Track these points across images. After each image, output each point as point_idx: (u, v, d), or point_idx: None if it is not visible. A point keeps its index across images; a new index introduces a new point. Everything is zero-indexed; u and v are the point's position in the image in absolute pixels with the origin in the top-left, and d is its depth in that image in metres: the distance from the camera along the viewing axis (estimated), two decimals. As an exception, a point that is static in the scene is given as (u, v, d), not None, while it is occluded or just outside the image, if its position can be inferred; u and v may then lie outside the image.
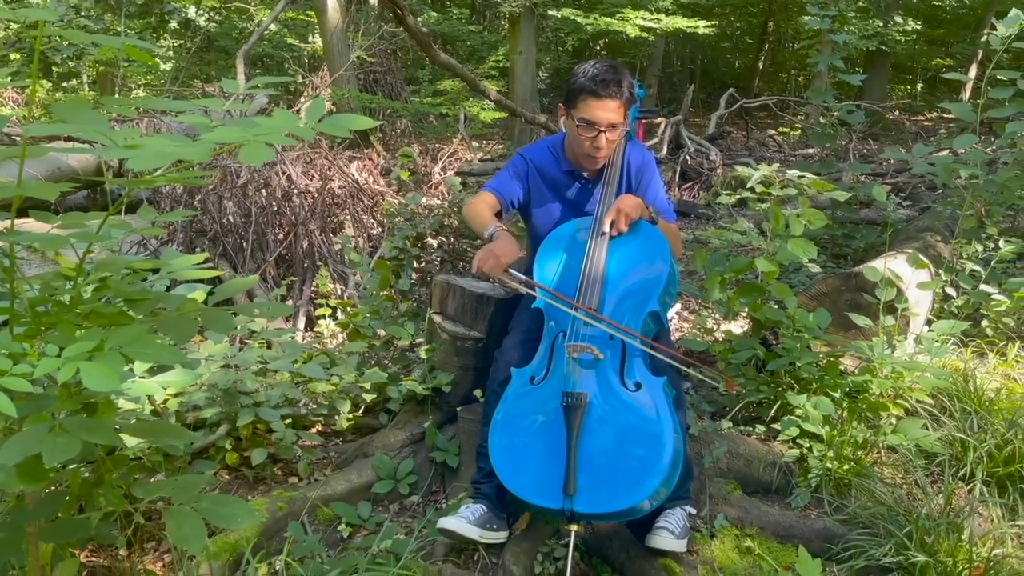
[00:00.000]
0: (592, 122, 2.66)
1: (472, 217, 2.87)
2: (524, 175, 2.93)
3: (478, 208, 2.87)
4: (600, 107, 2.64)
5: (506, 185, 2.93)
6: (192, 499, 1.65)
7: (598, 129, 2.66)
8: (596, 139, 2.68)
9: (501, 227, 2.71)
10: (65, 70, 11.17)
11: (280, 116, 1.44)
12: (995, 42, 3.98)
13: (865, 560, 2.35)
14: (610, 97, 2.63)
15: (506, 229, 2.71)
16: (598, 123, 2.66)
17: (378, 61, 11.25)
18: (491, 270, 2.57)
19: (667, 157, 8.65)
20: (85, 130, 1.39)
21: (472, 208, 2.90)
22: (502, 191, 2.92)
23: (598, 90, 2.62)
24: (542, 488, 2.27)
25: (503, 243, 2.63)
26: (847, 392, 3.02)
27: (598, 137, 2.68)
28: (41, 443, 1.40)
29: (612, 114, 2.65)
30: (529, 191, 2.94)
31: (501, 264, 2.57)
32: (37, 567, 1.77)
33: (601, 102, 2.63)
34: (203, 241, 4.94)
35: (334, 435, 3.30)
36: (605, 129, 2.67)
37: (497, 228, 2.70)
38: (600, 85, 2.62)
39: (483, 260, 2.58)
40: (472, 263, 2.61)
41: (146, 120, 6.33)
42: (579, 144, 2.73)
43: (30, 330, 1.57)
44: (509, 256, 2.60)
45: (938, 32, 16.99)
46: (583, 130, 2.68)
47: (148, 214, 2.07)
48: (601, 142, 2.68)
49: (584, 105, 2.65)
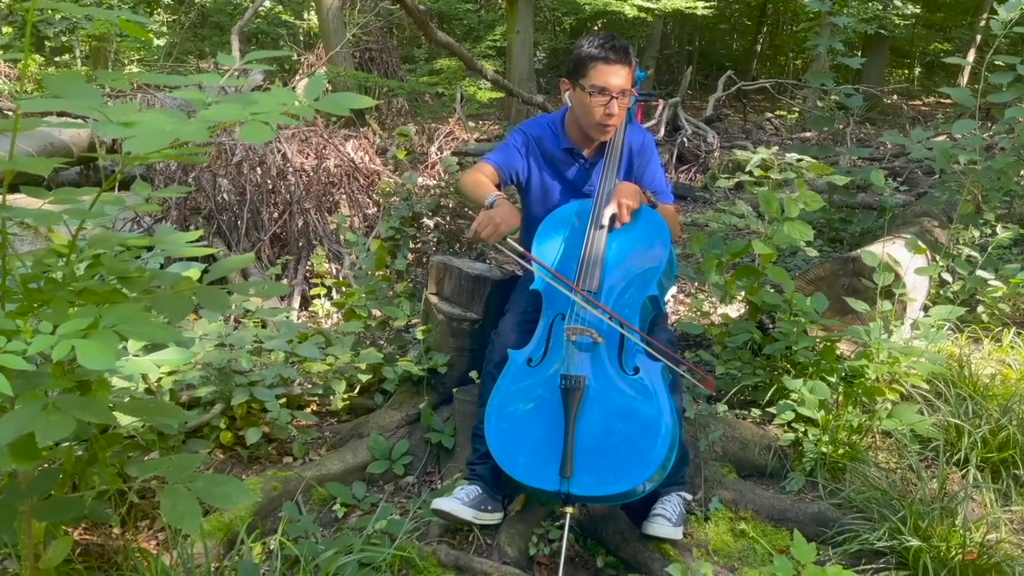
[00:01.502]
0: (604, 88, 2.65)
1: (470, 185, 2.79)
2: (524, 150, 2.89)
3: (477, 178, 2.81)
4: (612, 72, 2.64)
5: (507, 158, 2.88)
6: (186, 478, 1.64)
7: (611, 95, 2.65)
8: (609, 105, 2.67)
9: (502, 196, 2.65)
10: (58, 44, 11.07)
11: (279, 93, 1.42)
12: (995, 27, 3.95)
13: (859, 544, 2.36)
14: (620, 62, 2.64)
15: (506, 198, 2.66)
16: (611, 89, 2.65)
17: (374, 39, 11.16)
18: (489, 236, 2.53)
19: (664, 139, 8.61)
20: (78, 105, 1.37)
21: (469, 177, 2.83)
22: (503, 164, 2.87)
23: (609, 56, 2.64)
24: (539, 470, 2.27)
25: (503, 210, 2.58)
26: (843, 377, 3.02)
27: (611, 103, 2.66)
28: (34, 421, 1.38)
29: (622, 80, 2.66)
30: (529, 167, 2.91)
31: (500, 232, 2.54)
32: (30, 545, 1.76)
33: (612, 67, 2.64)
34: (197, 219, 4.91)
35: (329, 415, 3.29)
36: (617, 95, 2.66)
37: (497, 196, 2.64)
38: (610, 51, 2.64)
39: (481, 226, 2.53)
40: (469, 229, 2.56)
41: (140, 95, 6.27)
42: (591, 114, 2.71)
43: (23, 307, 1.55)
44: (509, 224, 2.56)
45: (937, 16, 16.93)
46: (595, 97, 2.67)
47: (142, 190, 2.05)
48: (614, 108, 2.67)
49: (595, 72, 2.65)
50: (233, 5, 14.53)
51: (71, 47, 12.39)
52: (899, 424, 2.81)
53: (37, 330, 1.41)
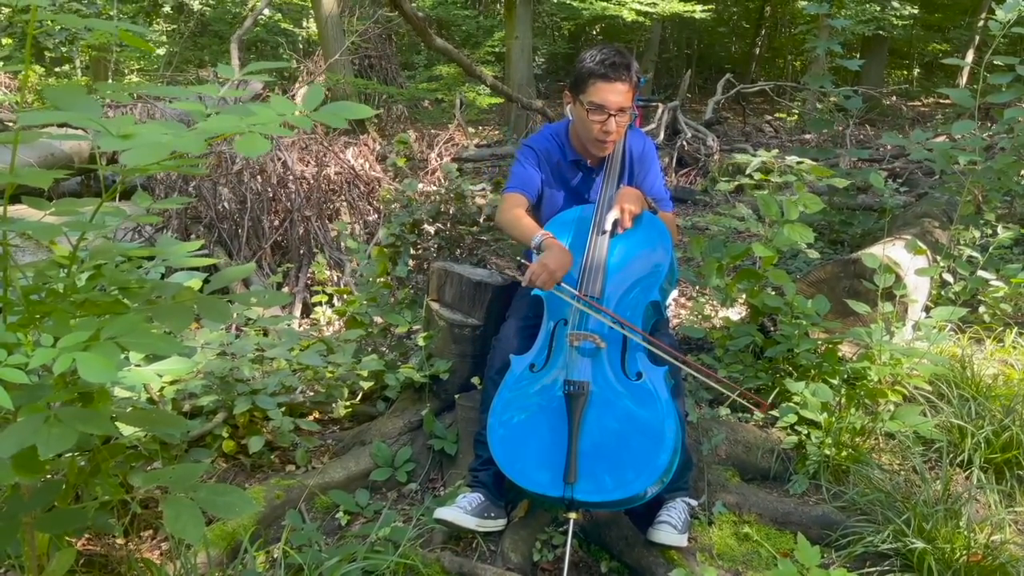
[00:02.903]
0: (602, 105, 2.64)
1: (511, 225, 2.76)
2: (537, 164, 2.88)
3: (514, 214, 2.77)
4: (610, 90, 2.62)
5: (527, 179, 2.85)
6: (189, 488, 1.64)
7: (608, 113, 2.64)
8: (606, 123, 2.66)
9: (547, 235, 2.60)
10: (58, 55, 11.09)
11: (277, 103, 1.42)
12: (994, 27, 3.96)
13: (863, 547, 2.36)
14: (620, 80, 2.62)
15: (552, 237, 2.60)
16: (608, 107, 2.64)
17: (373, 46, 11.18)
18: (543, 285, 2.45)
19: (664, 143, 8.62)
20: (78, 118, 1.37)
21: (506, 216, 2.79)
22: (526, 187, 2.85)
23: (608, 73, 2.62)
24: (542, 476, 2.27)
25: (554, 255, 2.49)
26: (845, 379, 3.02)
27: (608, 121, 2.66)
28: (36, 434, 1.38)
29: (621, 97, 2.64)
30: (541, 180, 2.91)
31: (557, 279, 2.46)
32: (34, 557, 1.76)
33: (611, 85, 2.62)
34: (198, 228, 4.92)
35: (331, 423, 3.29)
36: (615, 113, 2.65)
37: (543, 237, 2.59)
38: (610, 68, 2.62)
39: (536, 275, 2.45)
40: (524, 277, 2.49)
41: (140, 106, 6.28)
42: (588, 130, 2.71)
43: (24, 319, 1.55)
44: (563, 270, 2.48)
45: (935, 17, 16.91)
46: (593, 114, 2.66)
47: (143, 201, 2.06)
48: (611, 126, 2.66)
49: (594, 89, 2.64)
50: (232, 14, 14.56)
51: (71, 58, 12.42)
52: (902, 426, 2.81)
53: (38, 342, 1.42)
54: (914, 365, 2.96)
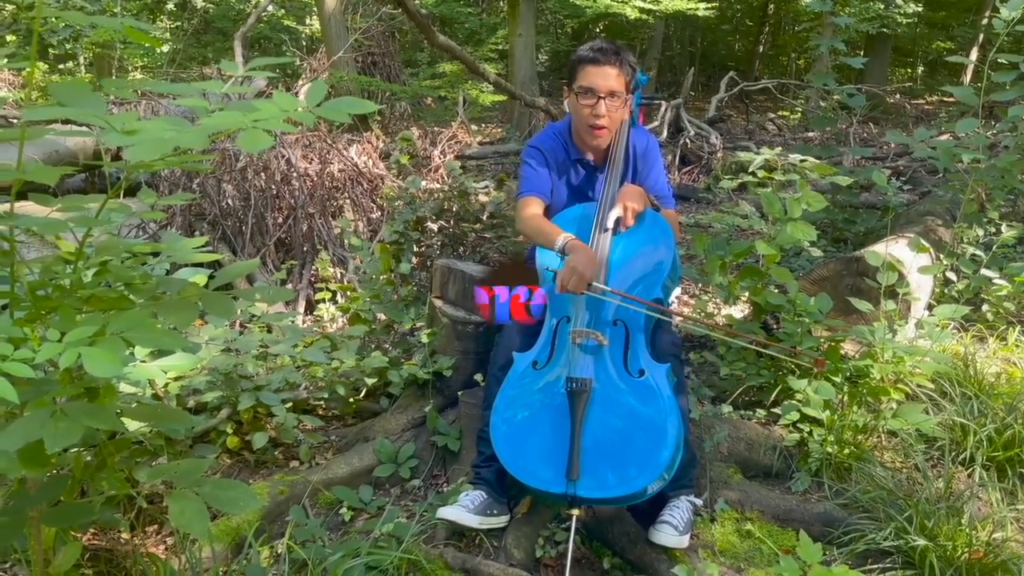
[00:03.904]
0: (591, 88, 2.67)
1: (534, 232, 2.75)
2: (544, 163, 2.88)
3: (536, 221, 2.77)
4: (598, 73, 2.66)
5: (539, 181, 2.86)
6: (194, 483, 1.65)
7: (597, 96, 2.67)
8: (596, 107, 2.68)
9: (571, 237, 2.59)
10: (62, 52, 11.10)
11: (280, 99, 1.43)
12: (998, 26, 3.95)
13: (865, 544, 2.36)
14: (607, 63, 2.66)
15: (575, 239, 2.58)
16: (597, 89, 2.66)
17: (376, 43, 11.18)
18: (575, 288, 2.45)
19: (667, 140, 8.61)
20: (83, 114, 1.38)
21: (528, 223, 2.79)
22: (539, 189, 2.85)
23: (597, 57, 2.67)
24: (545, 472, 2.28)
25: (579, 256, 2.48)
26: (848, 377, 3.01)
27: (598, 104, 2.68)
28: (43, 428, 1.39)
29: (611, 81, 2.67)
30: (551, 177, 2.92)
31: (587, 279, 2.45)
32: (40, 551, 1.77)
33: (599, 68, 2.66)
34: (202, 224, 4.93)
35: (335, 419, 3.30)
36: (604, 96, 2.67)
37: (566, 240, 2.57)
38: (598, 52, 2.68)
39: (565, 280, 2.44)
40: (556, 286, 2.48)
41: (144, 102, 6.29)
42: (581, 116, 2.73)
43: (30, 314, 1.56)
44: (592, 270, 2.47)
45: (939, 15, 16.87)
46: (583, 98, 2.69)
47: (147, 197, 2.07)
48: (601, 110, 2.68)
49: (583, 73, 2.69)
50: (236, 11, 14.58)
51: (75, 54, 12.44)
52: (904, 424, 2.81)
53: (45, 337, 1.42)
54: (916, 363, 2.96)
